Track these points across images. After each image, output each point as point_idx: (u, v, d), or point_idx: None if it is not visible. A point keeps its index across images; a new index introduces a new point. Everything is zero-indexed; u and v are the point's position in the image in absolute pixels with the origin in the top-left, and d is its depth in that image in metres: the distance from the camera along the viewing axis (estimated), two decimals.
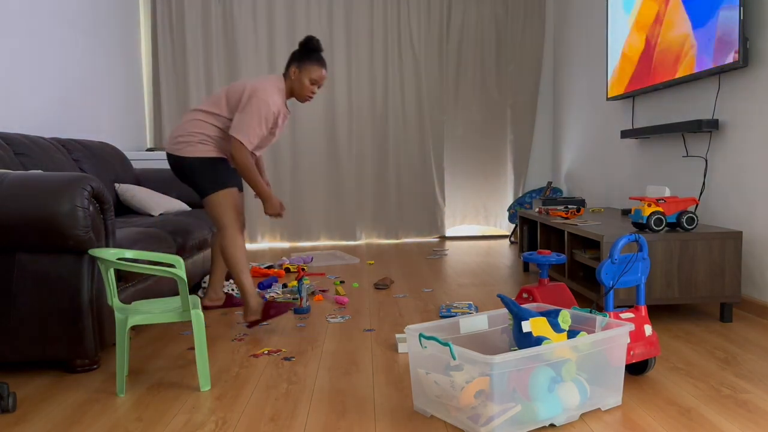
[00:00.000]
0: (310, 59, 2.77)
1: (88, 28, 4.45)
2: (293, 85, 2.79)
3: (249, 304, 2.74)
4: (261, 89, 2.67)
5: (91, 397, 1.99)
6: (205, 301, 3.16)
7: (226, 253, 2.75)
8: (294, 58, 2.80)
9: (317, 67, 2.78)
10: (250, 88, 2.68)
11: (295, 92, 2.82)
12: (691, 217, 2.81)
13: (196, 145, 2.73)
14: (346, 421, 1.78)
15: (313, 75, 2.77)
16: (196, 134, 2.74)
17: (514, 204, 5.84)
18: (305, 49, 2.79)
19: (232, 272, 2.77)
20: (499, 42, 5.99)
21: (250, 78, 2.87)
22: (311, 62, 2.77)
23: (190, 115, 2.79)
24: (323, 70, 2.80)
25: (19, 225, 2.06)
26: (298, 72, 2.77)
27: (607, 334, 1.79)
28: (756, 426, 1.71)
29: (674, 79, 3.48)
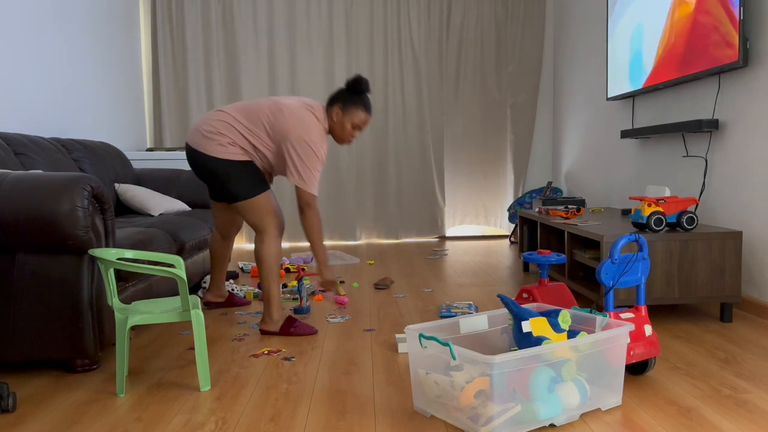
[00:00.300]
0: (356, 104, 2.65)
1: (88, 28, 4.45)
2: (334, 125, 2.68)
3: (271, 315, 2.67)
4: (312, 133, 2.55)
5: (91, 397, 1.99)
6: (208, 296, 3.15)
7: (259, 257, 2.65)
8: (339, 97, 2.66)
9: (363, 113, 2.66)
10: (301, 132, 2.53)
11: (335, 133, 2.70)
12: (691, 217, 2.81)
13: (227, 146, 2.59)
14: (346, 421, 1.78)
15: (356, 120, 2.66)
16: (225, 136, 2.59)
17: (514, 204, 5.84)
18: (353, 91, 2.65)
19: (261, 278, 2.68)
20: (499, 42, 5.99)
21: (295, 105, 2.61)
22: (357, 107, 2.65)
23: (220, 115, 2.63)
24: (369, 115, 2.69)
25: (19, 225, 2.06)
26: (341, 114, 2.65)
27: (607, 334, 1.79)
28: (756, 426, 1.71)
29: (674, 79, 3.48)
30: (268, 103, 2.63)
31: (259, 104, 2.64)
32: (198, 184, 4.12)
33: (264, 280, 2.67)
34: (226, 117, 2.62)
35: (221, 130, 2.60)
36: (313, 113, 2.61)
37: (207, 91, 5.78)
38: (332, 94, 2.70)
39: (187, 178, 4.15)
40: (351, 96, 2.65)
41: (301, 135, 2.54)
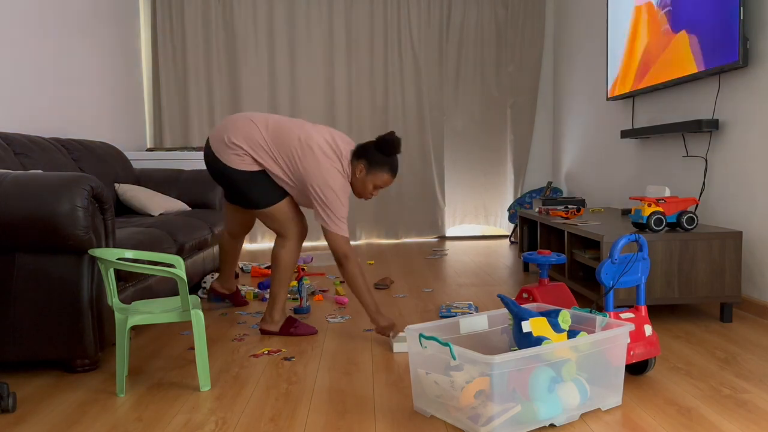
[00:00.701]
0: (383, 166, 2.52)
1: (88, 28, 4.45)
2: (355, 180, 2.56)
3: (272, 315, 2.67)
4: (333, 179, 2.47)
5: (91, 397, 1.99)
6: (215, 284, 3.15)
7: (276, 260, 2.65)
8: (366, 154, 2.52)
9: (388, 176, 2.54)
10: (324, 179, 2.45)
11: (354, 188, 2.60)
12: (691, 217, 2.81)
13: (243, 157, 2.52)
14: (346, 421, 1.78)
15: (379, 182, 2.55)
16: (239, 147, 2.51)
17: (514, 204, 5.84)
18: (382, 151, 2.51)
19: (273, 278, 2.67)
20: (499, 42, 5.99)
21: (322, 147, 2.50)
22: (383, 169, 2.52)
23: (250, 129, 2.53)
24: (393, 178, 2.56)
25: (19, 225, 2.06)
26: (365, 173, 2.53)
27: (607, 334, 1.79)
28: (756, 426, 1.71)
29: (674, 79, 3.48)
30: (299, 133, 2.52)
31: (291, 132, 2.53)
32: (198, 184, 4.12)
33: (274, 281, 2.68)
34: (255, 134, 2.52)
35: (244, 146, 2.51)
36: (337, 167, 2.51)
37: (207, 91, 5.78)
38: (361, 147, 2.56)
39: (187, 178, 4.15)
40: (379, 155, 2.52)
41: (326, 181, 2.47)
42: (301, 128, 2.55)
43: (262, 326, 2.69)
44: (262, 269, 4.17)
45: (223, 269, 3.15)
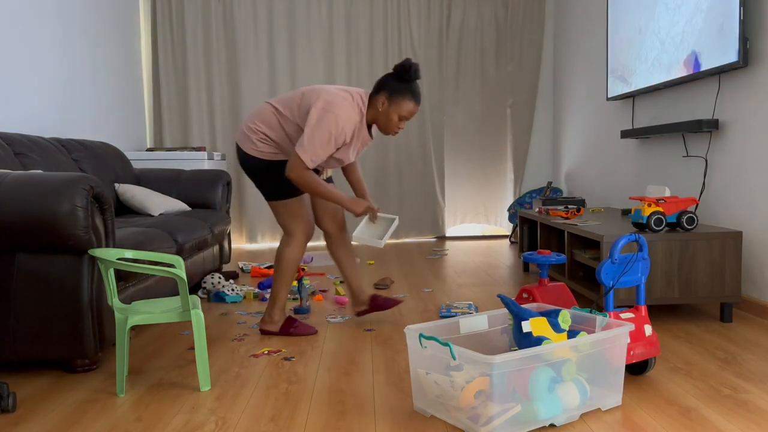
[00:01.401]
0: (404, 93, 2.44)
1: (88, 28, 4.45)
2: (378, 116, 2.48)
3: (272, 315, 2.67)
4: (337, 106, 2.38)
5: (91, 397, 1.99)
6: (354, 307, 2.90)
7: (279, 258, 2.64)
8: (385, 84, 2.46)
9: (411, 103, 2.46)
10: (325, 101, 2.38)
11: (379, 124, 2.51)
12: (691, 217, 2.81)
13: (256, 143, 2.51)
14: (346, 421, 1.78)
15: (403, 111, 2.46)
16: (258, 131, 2.51)
17: (514, 204, 5.84)
18: (401, 79, 2.44)
19: (275, 276, 2.67)
20: (499, 42, 5.99)
21: (331, 88, 2.47)
22: (404, 97, 2.44)
23: (264, 106, 2.55)
24: (417, 105, 2.48)
25: (19, 225, 2.06)
26: (387, 104, 2.45)
27: (607, 334, 1.79)
28: (756, 426, 1.71)
29: (674, 79, 3.48)
30: (311, 88, 2.51)
31: (303, 90, 2.52)
32: (198, 184, 4.12)
33: (276, 280, 2.68)
34: (266, 106, 2.54)
35: (256, 120, 2.51)
36: (349, 95, 2.45)
37: (207, 91, 5.78)
38: (378, 81, 2.50)
39: (187, 178, 4.15)
40: (399, 84, 2.44)
41: (323, 105, 2.37)
42: (310, 87, 2.53)
43: (262, 326, 2.69)
44: (262, 269, 4.17)
45: (349, 286, 2.87)
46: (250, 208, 5.84)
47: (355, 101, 2.46)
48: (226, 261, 4.16)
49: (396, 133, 2.53)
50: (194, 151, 4.92)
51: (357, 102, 2.47)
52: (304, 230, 2.66)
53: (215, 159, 5.14)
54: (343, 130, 2.40)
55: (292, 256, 2.66)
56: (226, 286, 3.48)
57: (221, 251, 4.05)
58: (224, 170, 4.75)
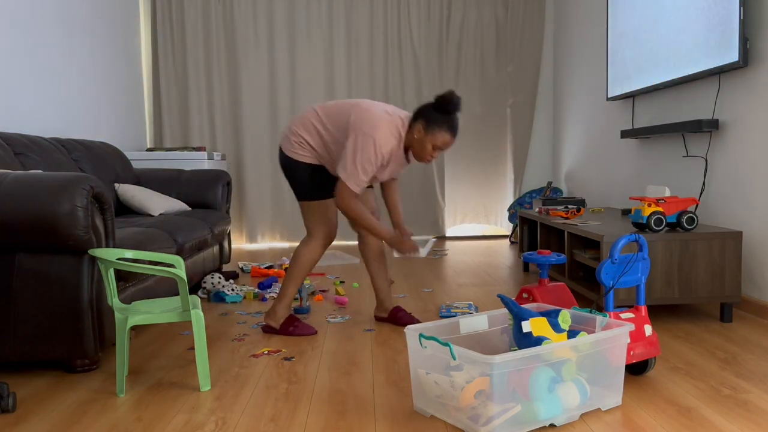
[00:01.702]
0: (441, 124, 2.44)
1: (88, 28, 4.45)
2: (413, 142, 2.50)
3: (276, 310, 2.70)
4: (376, 128, 2.42)
5: (91, 397, 1.99)
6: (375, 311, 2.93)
7: (296, 256, 2.69)
8: (423, 113, 2.47)
9: (448, 135, 2.46)
10: (365, 124, 2.41)
11: (414, 151, 2.54)
12: (691, 217, 2.81)
13: (295, 145, 2.58)
14: (346, 421, 1.78)
15: (438, 141, 2.46)
16: (298, 134, 2.57)
17: (514, 204, 5.84)
18: (440, 110, 2.45)
19: (287, 273, 2.71)
20: (499, 42, 5.99)
21: (376, 109, 2.49)
22: (441, 128, 2.44)
23: (309, 112, 2.61)
24: (454, 138, 2.48)
25: (19, 225, 2.06)
26: (423, 133, 2.46)
27: (607, 334, 1.79)
28: (756, 426, 1.71)
29: (674, 79, 3.48)
30: (352, 102, 2.55)
31: (347, 103, 2.56)
32: (198, 184, 4.12)
33: (287, 276, 2.71)
34: (310, 113, 2.59)
35: (299, 125, 2.58)
36: (390, 117, 2.48)
37: (207, 91, 5.78)
38: (419, 108, 2.52)
39: (187, 178, 4.15)
40: (437, 114, 2.45)
41: (368, 130, 2.41)
42: (356, 102, 2.56)
43: (265, 319, 2.72)
44: (262, 269, 4.17)
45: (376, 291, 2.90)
46: (250, 208, 5.84)
47: (394, 124, 2.49)
48: (226, 261, 4.16)
49: (429, 161, 2.56)
50: (194, 151, 4.92)
51: (396, 125, 2.50)
52: (325, 233, 2.69)
53: (215, 159, 5.14)
54: (381, 154, 2.45)
55: (309, 256, 2.69)
56: (226, 286, 3.48)
57: (221, 251, 4.05)
58: (224, 170, 4.75)
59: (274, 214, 5.91)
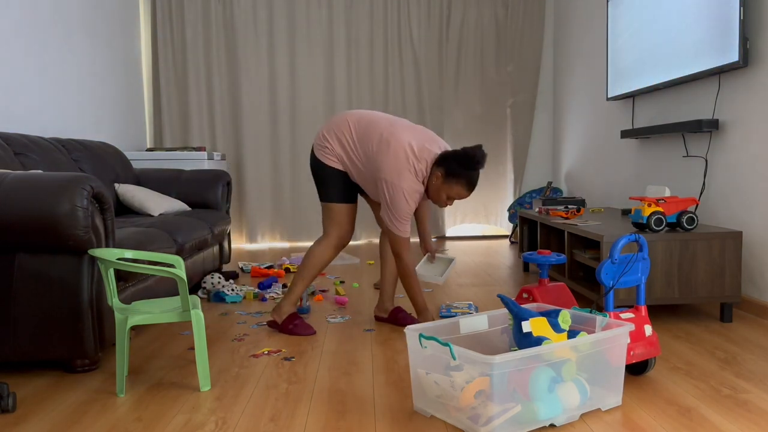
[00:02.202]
0: (459, 178, 2.46)
1: (88, 29, 4.45)
2: (431, 186, 2.54)
3: (282, 306, 2.75)
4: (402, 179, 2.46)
5: (91, 397, 1.99)
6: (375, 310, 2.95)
7: (309, 254, 2.73)
8: (446, 162, 2.47)
9: (463, 189, 2.48)
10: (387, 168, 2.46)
11: (429, 193, 2.58)
12: (691, 217, 2.81)
13: (323, 149, 2.64)
14: (346, 421, 1.78)
15: (453, 193, 2.50)
16: (327, 139, 2.64)
17: (514, 204, 5.84)
18: (463, 164, 2.44)
19: (299, 270, 2.75)
20: (499, 42, 5.99)
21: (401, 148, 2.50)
22: (458, 181, 2.47)
23: (342, 120, 2.65)
24: (469, 192, 2.51)
25: (19, 225, 2.06)
26: (441, 181, 2.49)
27: (607, 334, 1.79)
28: (756, 426, 1.71)
29: (674, 79, 3.48)
30: (385, 128, 2.56)
31: (377, 126, 2.58)
32: (198, 184, 4.12)
33: (298, 273, 2.75)
34: (344, 128, 2.63)
35: (329, 136, 2.64)
36: (410, 168, 2.50)
37: (207, 91, 5.78)
38: (443, 154, 2.52)
39: (187, 178, 4.15)
40: (458, 167, 2.46)
41: (394, 179, 2.48)
42: (392, 125, 2.57)
43: (272, 314, 2.76)
44: (262, 269, 4.17)
45: (380, 290, 2.95)
46: (250, 208, 5.84)
47: (418, 169, 2.51)
48: (226, 261, 4.16)
49: (443, 206, 2.62)
50: (194, 151, 4.92)
51: (421, 170, 2.52)
52: (338, 235, 2.72)
53: (215, 159, 5.14)
54: (413, 200, 2.52)
55: (319, 256, 2.73)
56: (226, 286, 3.48)
57: (221, 251, 4.05)
58: (224, 170, 4.75)
59: (274, 214, 5.91)
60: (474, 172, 2.48)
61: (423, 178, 2.55)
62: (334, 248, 2.74)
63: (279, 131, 5.84)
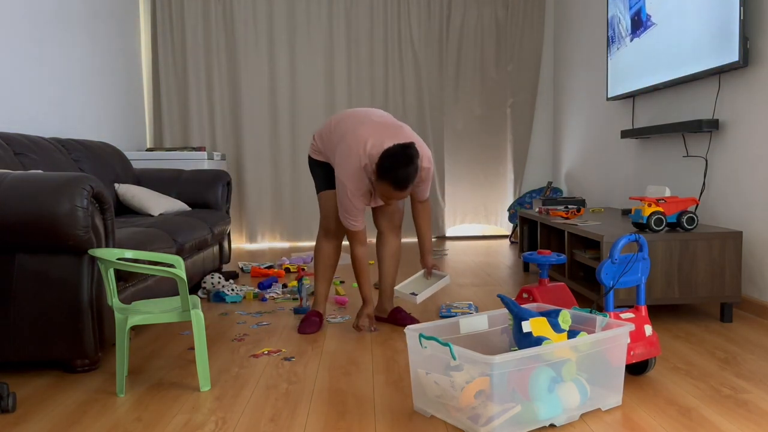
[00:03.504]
0: (384, 176, 2.36)
1: (87, 28, 4.45)
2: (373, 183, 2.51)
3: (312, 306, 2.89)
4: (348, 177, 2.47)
5: (91, 397, 1.99)
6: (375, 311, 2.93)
7: (314, 251, 2.85)
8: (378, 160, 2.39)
9: (389, 187, 2.38)
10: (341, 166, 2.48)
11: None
12: (691, 217, 2.81)
13: (312, 146, 2.77)
14: (346, 421, 1.78)
15: (381, 191, 2.42)
16: (316, 138, 2.74)
17: (514, 204, 5.84)
18: (384, 164, 2.35)
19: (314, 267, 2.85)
20: (499, 42, 5.99)
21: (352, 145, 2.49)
22: (384, 180, 2.37)
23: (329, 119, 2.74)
24: (395, 191, 2.39)
25: (19, 225, 2.06)
26: (375, 179, 2.43)
27: (607, 334, 1.79)
28: (756, 426, 1.71)
29: (674, 79, 3.48)
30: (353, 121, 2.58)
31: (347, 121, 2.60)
32: (198, 184, 4.12)
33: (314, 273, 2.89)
34: (326, 126, 2.70)
35: (317, 134, 2.75)
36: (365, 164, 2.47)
37: (207, 91, 5.78)
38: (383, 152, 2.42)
39: (187, 178, 4.15)
40: (383, 167, 2.36)
41: (341, 176, 2.51)
42: (360, 122, 2.56)
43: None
44: (262, 269, 4.17)
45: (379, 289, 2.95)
46: (250, 208, 5.84)
47: (369, 170, 2.48)
48: (226, 261, 4.16)
49: (389, 205, 2.67)
50: (194, 151, 4.92)
51: (368, 169, 2.48)
52: (325, 225, 2.79)
53: (215, 159, 5.14)
54: (354, 198, 2.53)
55: (318, 249, 2.82)
56: (226, 286, 3.48)
57: (221, 251, 4.05)
58: (224, 170, 4.75)
59: (274, 214, 5.90)
60: (398, 170, 2.33)
61: (370, 177, 2.51)
62: (324, 239, 2.80)
63: (279, 131, 5.84)
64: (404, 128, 2.60)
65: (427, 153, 2.62)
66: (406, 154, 2.35)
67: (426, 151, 2.61)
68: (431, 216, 2.74)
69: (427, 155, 2.61)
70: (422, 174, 2.63)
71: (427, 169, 2.63)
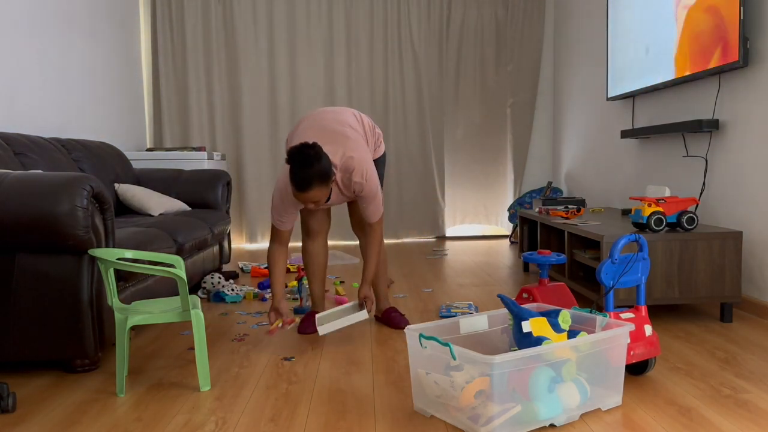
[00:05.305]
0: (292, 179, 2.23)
1: (88, 28, 4.45)
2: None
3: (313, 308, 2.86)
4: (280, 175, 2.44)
5: (91, 397, 1.99)
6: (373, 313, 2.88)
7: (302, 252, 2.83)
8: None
9: (296, 191, 2.25)
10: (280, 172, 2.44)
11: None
12: (691, 217, 2.81)
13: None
14: (346, 421, 1.78)
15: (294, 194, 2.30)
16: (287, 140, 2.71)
17: (514, 204, 5.84)
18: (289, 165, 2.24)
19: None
20: (499, 42, 5.99)
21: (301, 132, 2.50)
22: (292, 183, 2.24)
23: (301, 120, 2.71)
24: (297, 193, 2.25)
25: (19, 225, 2.06)
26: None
27: (607, 334, 1.79)
28: (756, 426, 1.71)
29: (674, 79, 3.48)
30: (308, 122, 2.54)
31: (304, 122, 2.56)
32: (198, 184, 4.12)
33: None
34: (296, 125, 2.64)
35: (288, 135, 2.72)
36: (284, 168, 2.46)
37: (207, 92, 5.77)
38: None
39: (187, 178, 4.15)
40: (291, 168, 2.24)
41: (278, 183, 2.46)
42: (309, 127, 2.51)
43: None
44: (262, 269, 4.17)
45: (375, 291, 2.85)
46: (250, 208, 5.83)
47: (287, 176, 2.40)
48: (226, 261, 4.16)
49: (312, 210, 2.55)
50: (194, 151, 4.92)
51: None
52: (305, 227, 2.75)
53: (215, 159, 5.14)
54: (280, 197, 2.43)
55: (307, 251, 2.77)
56: (226, 286, 3.48)
57: (221, 251, 4.05)
58: (224, 170, 4.75)
59: None
60: (294, 171, 2.20)
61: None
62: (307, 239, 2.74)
63: (279, 131, 5.84)
64: (348, 136, 2.43)
65: (367, 168, 2.39)
66: (303, 154, 2.20)
67: (364, 166, 2.38)
68: (381, 243, 2.58)
69: (365, 170, 2.38)
70: (355, 188, 2.42)
71: (359, 183, 2.39)
